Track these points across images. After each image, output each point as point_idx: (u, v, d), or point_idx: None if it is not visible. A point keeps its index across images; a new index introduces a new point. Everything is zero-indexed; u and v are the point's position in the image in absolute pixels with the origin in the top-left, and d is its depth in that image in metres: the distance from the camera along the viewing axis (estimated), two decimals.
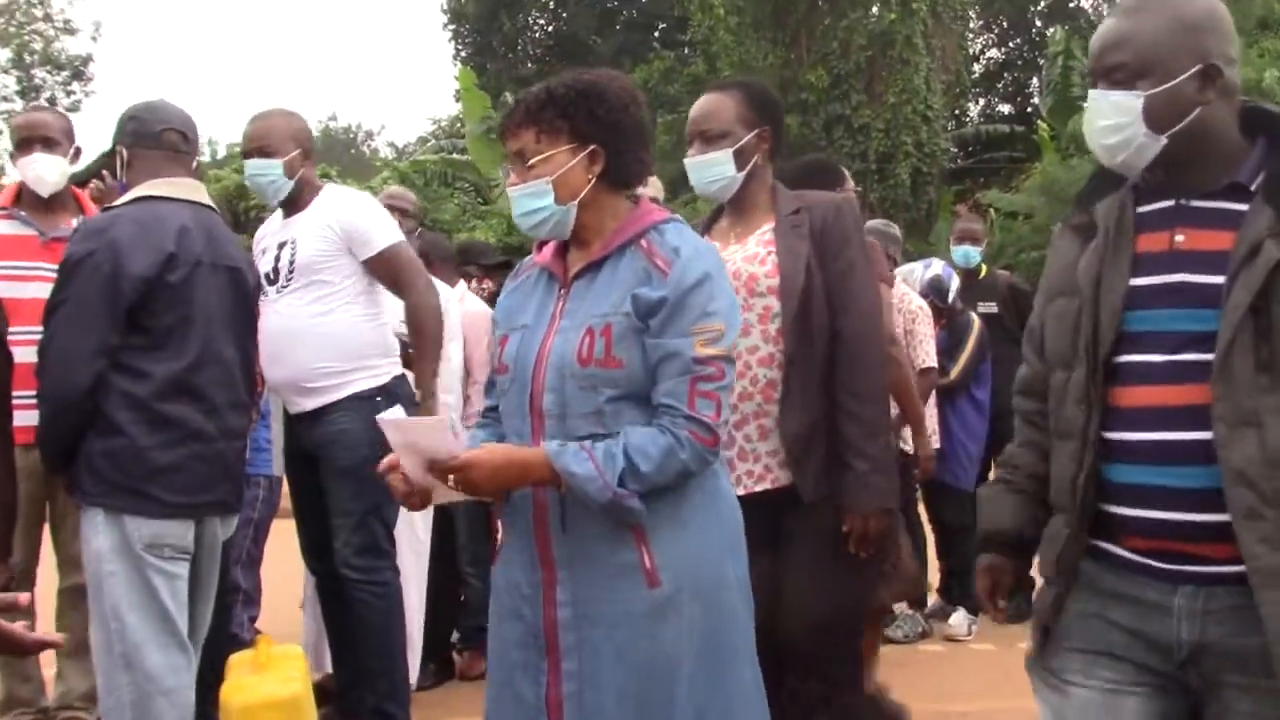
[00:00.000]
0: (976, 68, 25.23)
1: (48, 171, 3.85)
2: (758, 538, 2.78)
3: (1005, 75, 26.27)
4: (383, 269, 3.75)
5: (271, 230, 3.88)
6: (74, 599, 3.87)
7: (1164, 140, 1.87)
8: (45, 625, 3.93)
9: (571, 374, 2.21)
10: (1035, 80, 24.96)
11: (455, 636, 5.05)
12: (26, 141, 3.87)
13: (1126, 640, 1.88)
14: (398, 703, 3.75)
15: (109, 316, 2.88)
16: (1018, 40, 26.20)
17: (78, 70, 23.08)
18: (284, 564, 4.89)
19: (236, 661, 3.12)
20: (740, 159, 2.92)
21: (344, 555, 3.68)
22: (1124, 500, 1.87)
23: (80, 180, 4.19)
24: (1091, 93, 1.93)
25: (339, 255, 3.72)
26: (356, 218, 3.77)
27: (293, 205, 3.82)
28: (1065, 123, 16.98)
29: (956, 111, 21.19)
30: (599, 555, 2.21)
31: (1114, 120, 1.88)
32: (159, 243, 2.94)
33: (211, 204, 3.18)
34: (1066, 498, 1.94)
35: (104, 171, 4.19)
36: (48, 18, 23.10)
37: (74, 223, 3.91)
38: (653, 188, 5.22)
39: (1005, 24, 25.98)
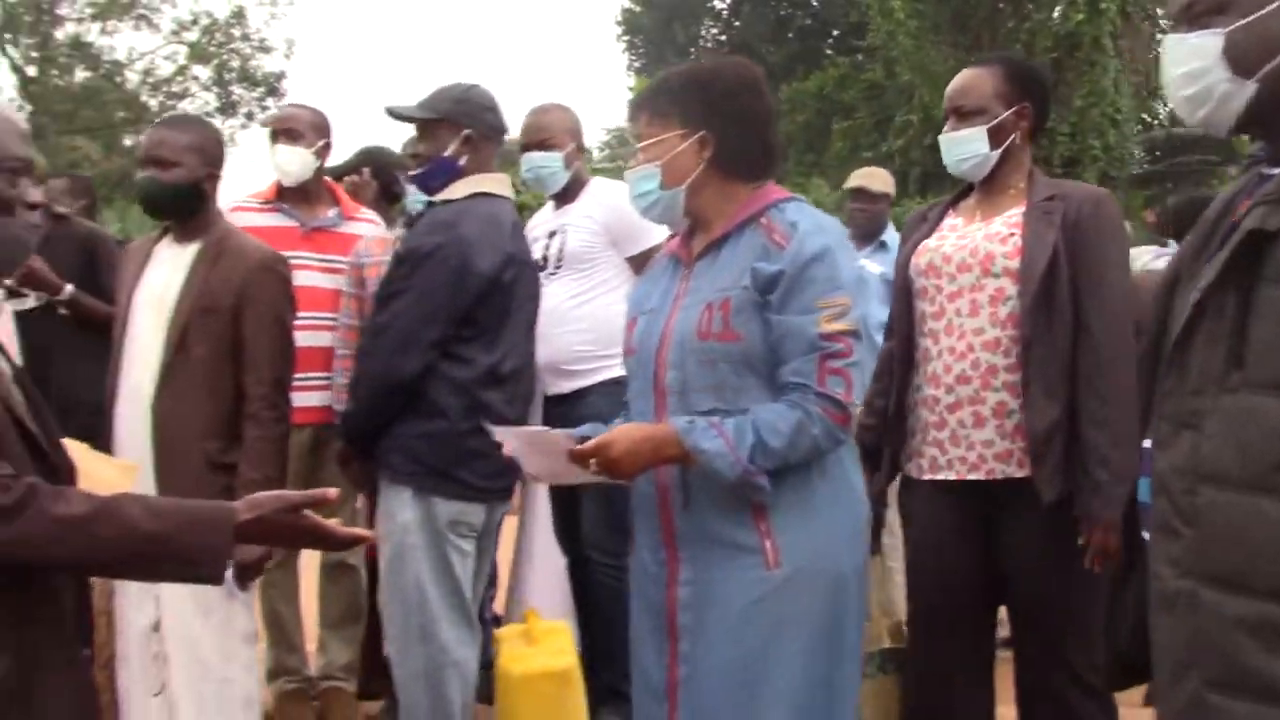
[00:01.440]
0: None
1: (287, 162, 3.99)
2: (967, 525, 2.78)
3: None
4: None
5: (543, 219, 4.01)
6: (335, 574, 4.05)
7: (1252, 86, 1.55)
8: (308, 599, 4.12)
9: (691, 349, 2.23)
10: None
11: None
12: (273, 135, 4.06)
13: None
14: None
15: (450, 310, 2.95)
16: None
17: (272, 86, 24.14)
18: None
19: (507, 635, 3.21)
20: (995, 137, 2.80)
21: (592, 537, 3.75)
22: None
23: (336, 175, 4.37)
24: (1168, 38, 1.64)
25: (605, 248, 3.83)
26: (623, 214, 3.76)
27: (564, 196, 3.94)
28: None
29: (1144, 115, 20.43)
30: (719, 535, 2.23)
31: (1190, 66, 1.59)
32: (500, 242, 3.03)
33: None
34: None
35: (363, 169, 4.39)
36: (245, 37, 24.25)
37: (330, 214, 4.09)
38: (880, 180, 5.21)
39: None
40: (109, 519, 1.55)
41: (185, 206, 3.03)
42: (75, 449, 1.90)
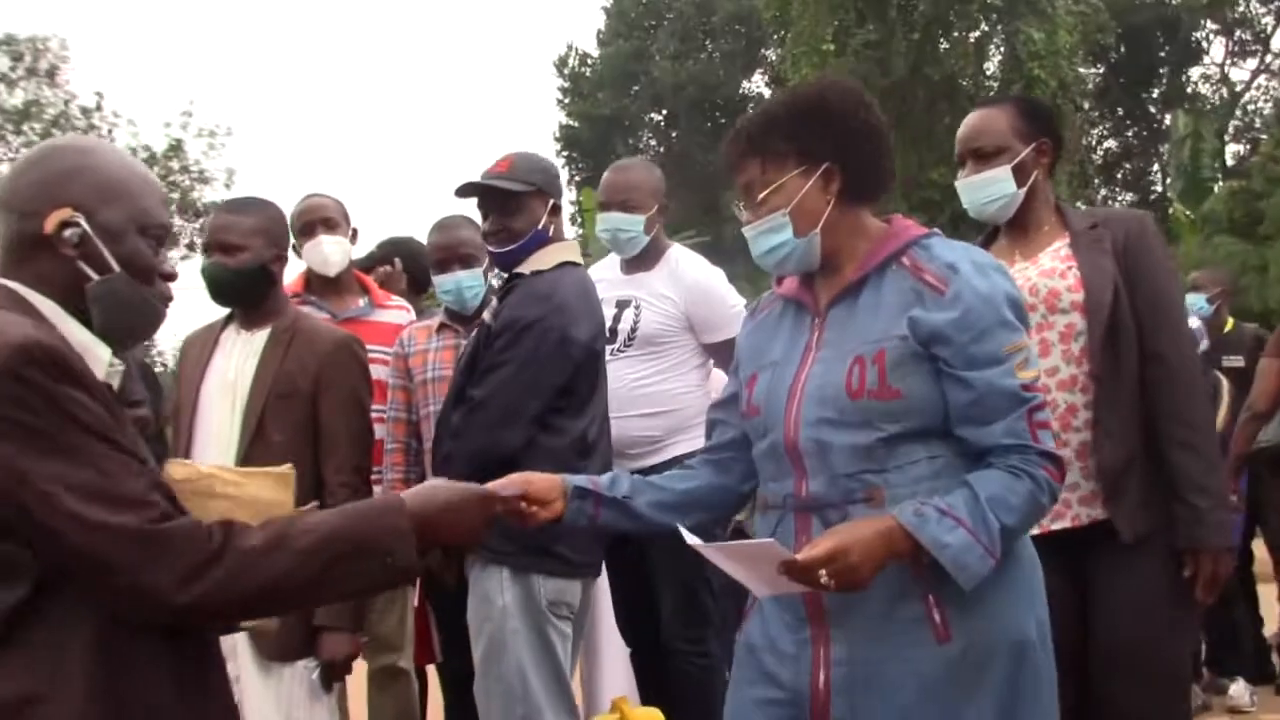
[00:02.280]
0: (1094, 158, 25.16)
1: (332, 252, 3.88)
2: (1055, 581, 2.60)
3: (1124, 165, 26.12)
4: (727, 355, 3.70)
5: (608, 281, 3.72)
6: (383, 681, 3.83)
7: None
8: (357, 706, 3.89)
9: (837, 407, 1.99)
10: (1156, 167, 24.79)
11: None
12: (309, 226, 3.91)
13: None
14: None
15: (553, 381, 2.88)
16: (1135, 129, 26.09)
17: None
18: None
19: None
20: (1019, 175, 2.73)
21: (672, 626, 3.57)
22: None
23: (362, 267, 4.27)
24: None
25: (681, 332, 3.66)
26: (706, 302, 3.69)
27: (638, 261, 3.76)
28: (1198, 205, 16.82)
29: (1079, 204, 21.01)
30: (879, 608, 1.95)
31: None
32: (593, 310, 2.99)
33: None
34: None
35: (395, 260, 4.29)
36: (185, 169, 24.21)
37: (361, 303, 3.98)
38: None
39: (1121, 113, 25.88)
40: (294, 533, 1.51)
41: (254, 290, 2.92)
42: (227, 472, 1.81)
